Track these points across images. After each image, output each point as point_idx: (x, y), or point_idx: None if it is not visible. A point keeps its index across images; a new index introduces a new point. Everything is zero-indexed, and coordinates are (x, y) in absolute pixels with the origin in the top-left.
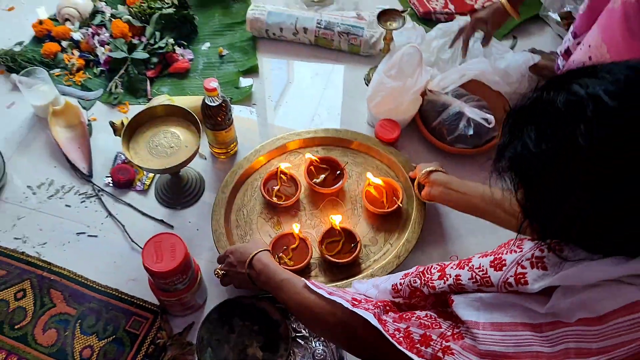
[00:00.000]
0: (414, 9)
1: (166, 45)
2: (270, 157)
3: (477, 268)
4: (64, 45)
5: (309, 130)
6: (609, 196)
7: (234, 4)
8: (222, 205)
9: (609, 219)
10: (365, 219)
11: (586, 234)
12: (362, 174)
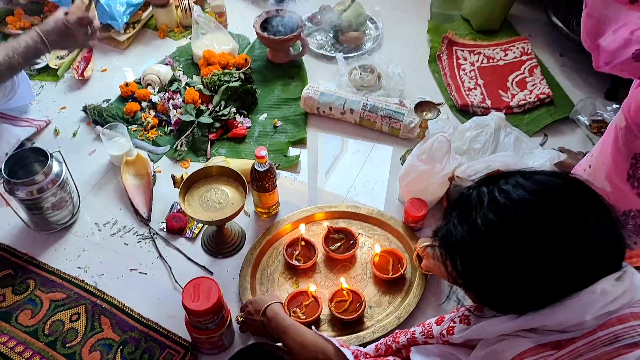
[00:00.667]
0: (453, 101)
1: (229, 113)
2: (295, 226)
3: (427, 324)
4: (143, 105)
5: (330, 205)
6: (495, 265)
7: (293, 82)
8: (250, 264)
9: (496, 284)
10: (373, 283)
11: (484, 295)
12: (373, 244)
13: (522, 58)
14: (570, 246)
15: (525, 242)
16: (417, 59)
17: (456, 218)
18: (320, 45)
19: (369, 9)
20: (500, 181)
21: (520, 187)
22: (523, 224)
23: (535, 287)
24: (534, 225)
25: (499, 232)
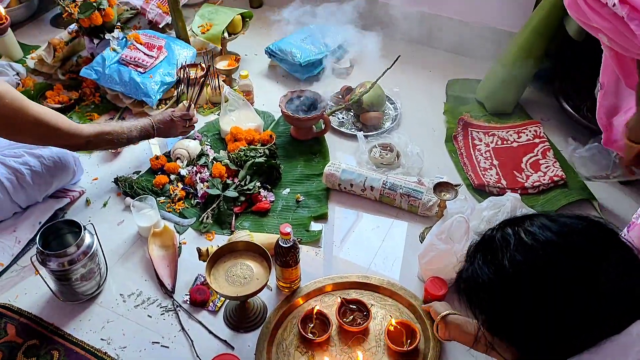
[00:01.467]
0: (469, 180)
1: (254, 188)
2: (309, 298)
3: None
4: (172, 178)
5: (341, 276)
6: (523, 306)
7: (315, 158)
8: (265, 338)
9: (524, 324)
10: (387, 356)
11: (514, 340)
12: (386, 315)
13: (534, 141)
14: (594, 286)
15: (551, 283)
16: (434, 138)
17: (481, 259)
18: (342, 123)
19: (388, 90)
20: (525, 222)
21: (546, 229)
22: (550, 265)
23: (565, 328)
24: (560, 267)
25: (526, 272)
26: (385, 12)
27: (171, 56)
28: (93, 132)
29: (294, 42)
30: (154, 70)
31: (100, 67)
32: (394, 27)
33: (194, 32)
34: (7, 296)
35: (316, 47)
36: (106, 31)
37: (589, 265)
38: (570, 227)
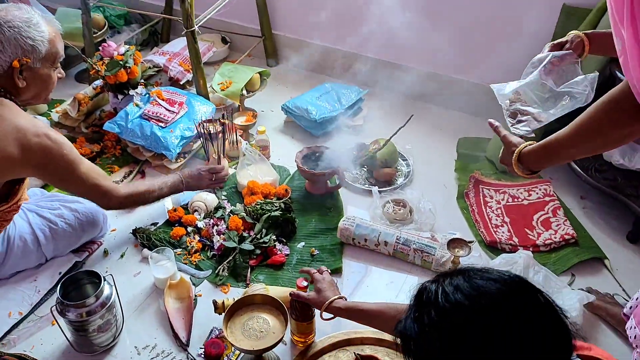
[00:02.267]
0: (482, 237)
1: (269, 241)
2: (323, 353)
3: None
4: (189, 230)
5: (356, 331)
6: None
7: (330, 212)
8: None
9: None
10: None
11: None
12: None
13: (545, 199)
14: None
15: (460, 344)
16: (445, 195)
17: (412, 313)
18: (356, 179)
19: (400, 147)
20: (446, 280)
21: (458, 291)
22: (457, 327)
23: None
24: (467, 330)
25: (439, 331)
26: (398, 72)
27: (191, 111)
28: (127, 193)
29: (310, 99)
30: (174, 124)
31: (123, 121)
32: (406, 87)
33: (214, 89)
34: (23, 346)
35: (331, 105)
36: (130, 87)
37: (492, 331)
38: (481, 290)
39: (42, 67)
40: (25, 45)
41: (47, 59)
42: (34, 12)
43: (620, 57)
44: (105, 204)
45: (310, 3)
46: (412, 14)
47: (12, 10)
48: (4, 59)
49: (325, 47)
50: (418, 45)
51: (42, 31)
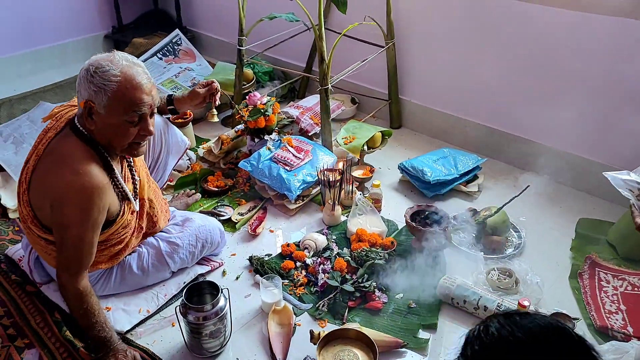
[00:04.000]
0: (591, 320)
1: (369, 286)
2: None
3: None
4: (298, 264)
5: None
6: None
7: (432, 270)
8: None
9: None
10: None
11: None
12: None
13: None
14: None
15: None
16: (557, 272)
17: (461, 350)
18: (462, 242)
19: (514, 218)
20: (492, 320)
21: (501, 327)
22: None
23: None
24: None
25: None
26: (521, 145)
27: (315, 160)
28: (84, 289)
29: (427, 161)
30: (299, 169)
31: (255, 161)
32: (526, 161)
33: (338, 142)
34: (147, 340)
35: (447, 169)
36: (266, 133)
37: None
38: (520, 325)
39: (110, 115)
40: (89, 89)
41: (114, 107)
42: (114, 60)
43: None
44: (63, 278)
45: (438, 73)
46: (539, 91)
47: (100, 55)
48: (80, 99)
49: (448, 115)
50: (546, 121)
51: (106, 79)
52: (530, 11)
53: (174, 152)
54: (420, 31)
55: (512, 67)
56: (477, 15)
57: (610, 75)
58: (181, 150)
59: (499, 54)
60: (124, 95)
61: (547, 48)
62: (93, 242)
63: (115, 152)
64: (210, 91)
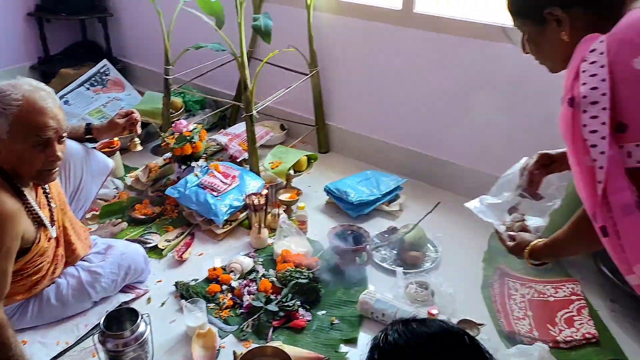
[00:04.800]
0: (501, 326)
1: (293, 305)
2: None
3: None
4: (224, 288)
5: None
6: None
7: (354, 286)
8: None
9: None
10: None
11: None
12: None
13: (571, 297)
14: None
15: None
16: (470, 284)
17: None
18: (384, 259)
19: (431, 233)
20: (391, 327)
21: (398, 335)
22: None
23: None
24: None
25: None
26: (440, 166)
27: (242, 185)
28: (2, 321)
29: (350, 183)
30: (225, 195)
31: (182, 187)
32: (444, 180)
33: (265, 167)
34: None
35: (369, 190)
36: (193, 160)
37: None
38: (416, 332)
39: (13, 141)
40: None
41: (17, 132)
42: (16, 85)
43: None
44: None
45: (362, 99)
46: (456, 114)
47: (5, 81)
48: None
49: (372, 139)
50: (459, 141)
51: (7, 104)
52: (442, 40)
53: (97, 175)
54: (342, 59)
55: (427, 92)
56: (394, 44)
57: (512, 97)
58: (105, 172)
59: (414, 81)
60: (26, 120)
61: (457, 74)
62: (7, 271)
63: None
64: (130, 121)
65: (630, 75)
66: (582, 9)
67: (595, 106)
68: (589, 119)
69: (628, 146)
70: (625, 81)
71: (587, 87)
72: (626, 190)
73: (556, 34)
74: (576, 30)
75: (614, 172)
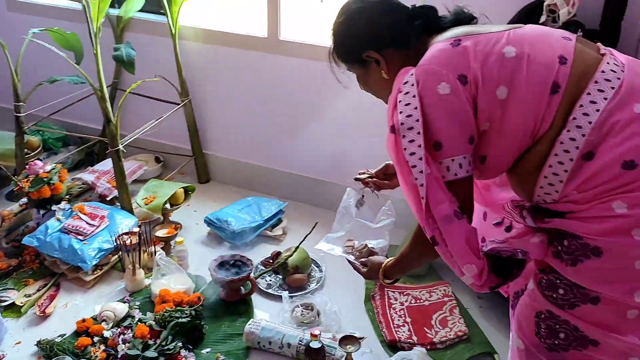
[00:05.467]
0: (383, 336)
1: (174, 347)
2: None
3: None
4: (95, 340)
5: None
6: None
7: (240, 318)
8: None
9: None
10: None
11: None
12: None
13: (444, 299)
14: None
15: None
16: (354, 299)
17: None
18: (269, 286)
19: (314, 254)
20: None
21: None
22: None
23: None
24: None
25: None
26: (320, 188)
27: (113, 225)
28: None
29: (231, 211)
30: (93, 237)
31: (42, 235)
32: (324, 199)
33: (138, 203)
34: None
35: (251, 217)
36: (54, 203)
37: None
38: None
39: None
40: None
41: None
42: None
43: None
44: None
45: (237, 125)
46: (327, 135)
47: None
48: None
49: (251, 165)
50: (334, 160)
51: None
52: (306, 65)
53: None
54: (214, 87)
55: (297, 115)
56: (263, 70)
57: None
58: None
59: (285, 105)
60: None
61: (325, 95)
62: None
63: None
64: None
65: (437, 100)
66: (393, 49)
67: (411, 131)
68: (407, 142)
69: (445, 161)
70: (433, 105)
71: (403, 115)
72: (445, 202)
73: (378, 72)
74: (393, 67)
75: (432, 188)
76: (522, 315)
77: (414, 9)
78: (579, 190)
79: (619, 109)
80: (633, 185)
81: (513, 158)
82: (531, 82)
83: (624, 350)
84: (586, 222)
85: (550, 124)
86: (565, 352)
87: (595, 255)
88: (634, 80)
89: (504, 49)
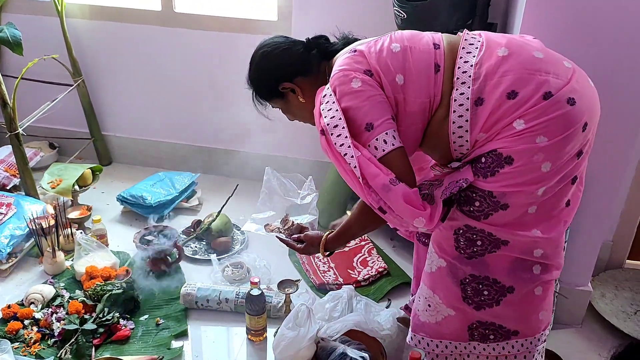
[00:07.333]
0: (312, 282)
1: (112, 318)
2: None
3: None
4: (26, 323)
5: None
6: None
7: (173, 284)
8: None
9: None
10: None
11: None
12: None
13: (361, 243)
14: None
15: None
16: (279, 253)
17: None
18: (195, 252)
19: (234, 218)
20: None
21: None
22: None
23: None
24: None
25: None
26: (229, 156)
27: (21, 212)
28: None
29: (144, 187)
30: (3, 225)
31: None
32: (234, 168)
33: (44, 188)
34: None
35: (165, 190)
36: None
37: None
38: None
39: None
40: None
41: None
42: None
43: None
44: None
45: (136, 103)
46: (226, 104)
47: None
48: None
49: (156, 142)
50: (234, 129)
51: None
52: (204, 36)
53: None
54: (108, 65)
55: (197, 87)
56: (160, 45)
57: None
58: None
59: (183, 78)
60: None
61: (223, 66)
62: None
63: None
64: None
65: (354, 93)
66: (301, 76)
67: (337, 128)
68: (336, 137)
69: (372, 142)
70: (352, 98)
71: (327, 118)
72: (380, 174)
73: (296, 99)
74: (307, 91)
75: (365, 165)
76: (441, 237)
77: (308, 41)
78: (485, 131)
79: (486, 58)
80: (523, 107)
81: (421, 132)
82: (418, 67)
83: (529, 243)
84: (499, 141)
85: (440, 97)
86: (483, 257)
87: (508, 164)
88: (489, 37)
89: (391, 46)
